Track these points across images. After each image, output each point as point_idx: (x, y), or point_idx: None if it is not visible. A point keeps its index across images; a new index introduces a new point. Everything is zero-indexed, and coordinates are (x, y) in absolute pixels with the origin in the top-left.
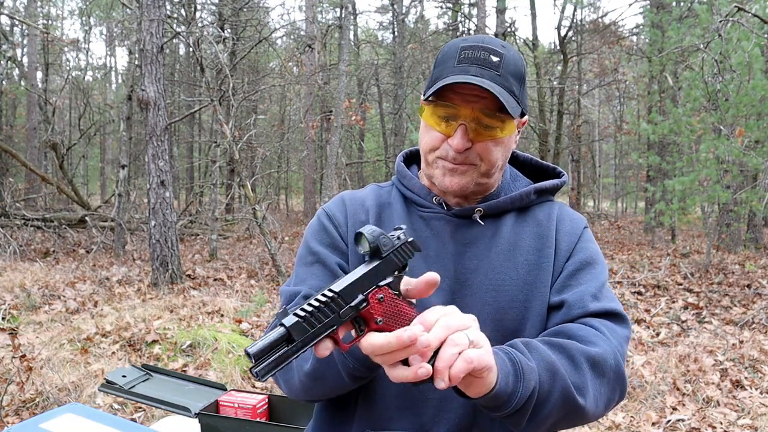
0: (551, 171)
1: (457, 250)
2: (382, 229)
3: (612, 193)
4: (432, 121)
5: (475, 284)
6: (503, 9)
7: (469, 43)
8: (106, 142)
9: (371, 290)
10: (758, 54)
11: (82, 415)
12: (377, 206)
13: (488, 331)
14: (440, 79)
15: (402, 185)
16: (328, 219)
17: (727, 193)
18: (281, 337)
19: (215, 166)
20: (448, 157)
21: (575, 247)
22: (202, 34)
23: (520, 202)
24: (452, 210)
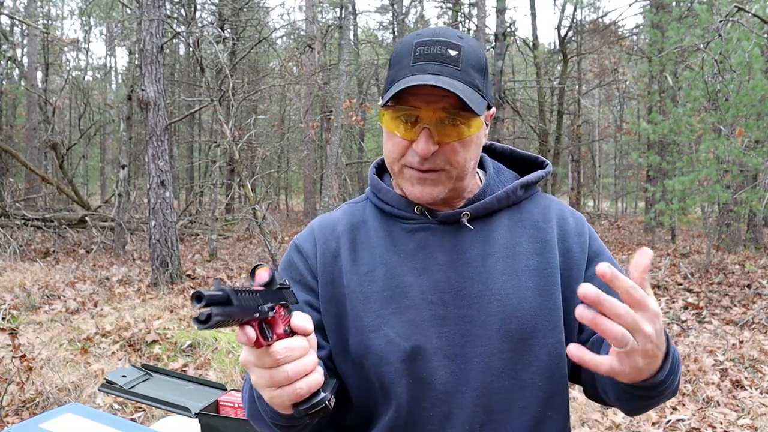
0: (533, 161)
1: (448, 259)
2: (358, 249)
3: (612, 193)
4: (393, 126)
5: (472, 293)
6: (503, 9)
7: (423, 38)
8: (106, 142)
9: (276, 303)
10: (758, 54)
11: (82, 415)
12: (350, 230)
13: (495, 340)
14: (396, 81)
15: (378, 199)
16: (297, 252)
17: (727, 193)
18: (223, 297)
19: (215, 166)
20: (414, 165)
21: (590, 249)
22: (202, 34)
23: (507, 200)
24: (437, 217)
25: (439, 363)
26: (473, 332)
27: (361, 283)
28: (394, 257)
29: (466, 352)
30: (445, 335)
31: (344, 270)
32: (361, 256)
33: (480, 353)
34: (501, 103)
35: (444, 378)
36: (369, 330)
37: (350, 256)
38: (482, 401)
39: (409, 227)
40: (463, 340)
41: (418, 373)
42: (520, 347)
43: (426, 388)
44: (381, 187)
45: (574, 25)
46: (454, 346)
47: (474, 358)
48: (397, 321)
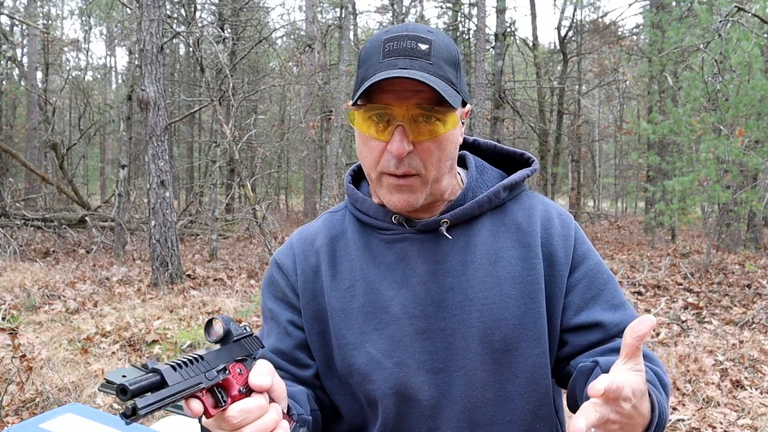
0: (519, 157)
1: (427, 269)
2: (338, 262)
3: (612, 193)
4: (365, 127)
5: (453, 304)
6: (503, 9)
7: (392, 34)
8: (106, 142)
9: (230, 362)
10: (758, 54)
11: (82, 415)
12: (329, 243)
13: (477, 352)
14: (366, 79)
15: (355, 209)
16: (278, 269)
17: (727, 193)
18: (156, 380)
19: (215, 166)
20: (391, 170)
21: (574, 253)
22: (202, 34)
23: (489, 204)
24: (415, 226)
25: (423, 378)
26: (455, 345)
27: (342, 300)
28: (373, 271)
29: (449, 366)
30: (427, 349)
31: (325, 286)
32: (341, 271)
33: (462, 366)
34: (501, 103)
35: (428, 393)
36: (351, 348)
37: (330, 271)
38: (467, 415)
39: (387, 238)
40: (446, 354)
41: (402, 390)
42: (504, 359)
43: (411, 405)
44: (358, 196)
45: (574, 25)
46: (437, 360)
47: (456, 372)
48: (378, 338)
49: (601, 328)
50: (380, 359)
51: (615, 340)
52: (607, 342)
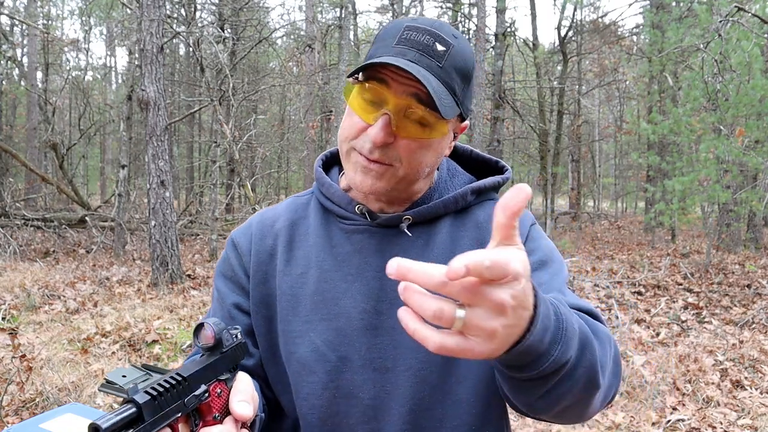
0: (493, 165)
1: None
2: (295, 247)
3: (612, 193)
4: (355, 104)
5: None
6: (503, 9)
7: (416, 24)
8: (106, 142)
9: (212, 383)
10: (758, 54)
11: (82, 415)
12: (289, 226)
13: (428, 353)
14: (374, 57)
15: (321, 194)
16: (233, 248)
17: (727, 193)
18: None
19: (215, 166)
20: (363, 150)
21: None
22: (202, 34)
23: (455, 205)
24: (376, 220)
25: (367, 376)
26: (405, 344)
27: (293, 286)
28: (329, 260)
29: (397, 365)
30: (375, 346)
31: (277, 270)
32: (296, 256)
33: (411, 366)
34: (501, 103)
35: (371, 392)
36: (295, 335)
37: (285, 255)
38: (412, 417)
39: (347, 227)
40: (395, 352)
41: (343, 386)
42: (454, 360)
43: (352, 403)
44: (325, 181)
45: (574, 25)
46: (385, 358)
47: (404, 372)
48: (325, 328)
49: None
50: (324, 351)
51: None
52: None
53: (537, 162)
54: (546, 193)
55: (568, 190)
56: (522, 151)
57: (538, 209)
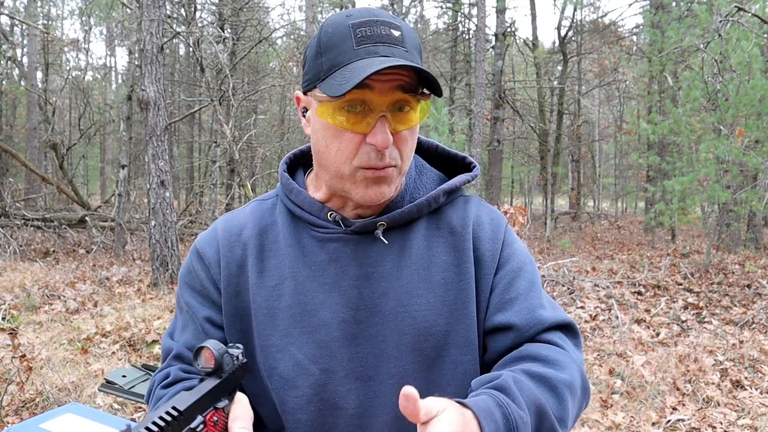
0: (461, 161)
1: (361, 273)
2: (266, 257)
3: (612, 193)
4: (338, 120)
5: (386, 310)
6: (503, 9)
7: (359, 19)
8: (106, 142)
9: (209, 412)
10: (758, 54)
11: (82, 415)
12: (258, 235)
13: (409, 360)
14: (341, 66)
15: (289, 200)
16: (199, 259)
17: (726, 193)
18: None
19: (215, 166)
20: (371, 163)
21: (501, 255)
22: (202, 34)
23: (428, 208)
24: (350, 226)
25: (351, 386)
26: (386, 352)
27: (268, 298)
28: (303, 270)
29: (380, 374)
30: (356, 356)
31: (250, 283)
32: (268, 267)
33: (394, 374)
34: (501, 103)
35: (356, 402)
36: (275, 350)
37: (257, 266)
38: (397, 424)
39: (320, 236)
40: (377, 361)
41: (328, 398)
42: (435, 366)
43: (337, 414)
44: (292, 187)
45: (574, 25)
46: (367, 367)
47: (387, 380)
48: (306, 341)
49: (512, 330)
50: (306, 364)
51: (523, 347)
52: (519, 346)
53: (537, 162)
54: (546, 193)
55: (568, 190)
56: (522, 151)
57: (538, 209)
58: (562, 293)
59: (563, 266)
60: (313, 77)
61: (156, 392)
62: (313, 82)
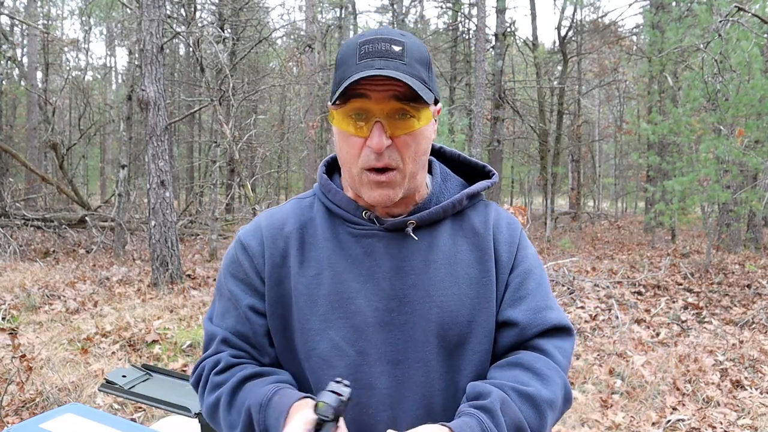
0: (480, 169)
1: (393, 266)
2: (306, 250)
3: (612, 193)
4: (345, 125)
5: (415, 301)
6: (503, 9)
7: (366, 38)
8: (106, 142)
9: None
10: (758, 54)
11: (82, 415)
12: (299, 228)
13: (434, 346)
14: (345, 80)
15: (326, 199)
16: (243, 251)
17: (726, 193)
18: None
19: (215, 166)
20: (371, 164)
21: (516, 257)
22: (202, 34)
23: (453, 209)
24: (384, 224)
25: (382, 368)
26: (415, 338)
27: (309, 286)
28: (341, 262)
29: (408, 358)
30: (388, 341)
31: (292, 272)
32: (309, 258)
33: (421, 358)
34: (501, 103)
35: (387, 383)
36: (314, 333)
37: (298, 257)
38: (425, 403)
39: (356, 232)
40: (405, 346)
41: (362, 378)
42: (457, 352)
43: (370, 394)
44: (331, 187)
45: (574, 25)
46: (397, 351)
47: (415, 363)
48: (342, 326)
49: (517, 328)
50: (343, 346)
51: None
52: (521, 344)
53: (537, 162)
54: (546, 193)
55: (568, 190)
56: (522, 151)
57: (539, 209)
58: (562, 293)
59: (563, 266)
60: (332, 91)
61: (211, 378)
62: (332, 95)
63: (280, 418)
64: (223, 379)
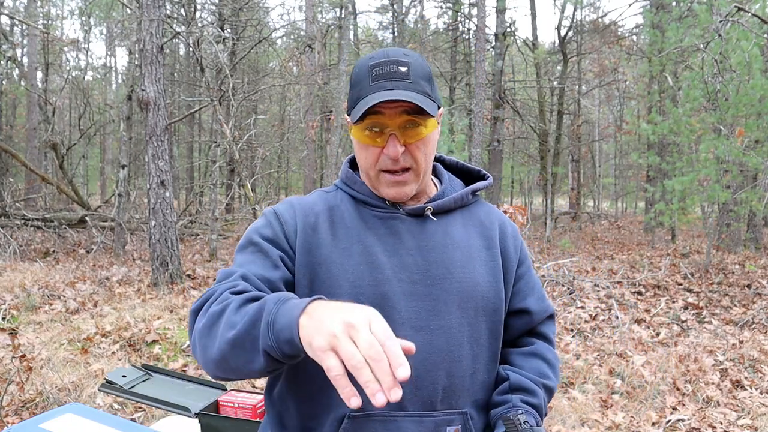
0: (476, 174)
1: (415, 244)
2: (336, 226)
3: (612, 193)
4: (364, 138)
5: (437, 275)
6: (503, 9)
7: (376, 61)
8: (106, 142)
9: None
10: (758, 54)
11: (82, 415)
12: (328, 209)
13: (455, 315)
14: (360, 99)
15: (352, 189)
16: (276, 218)
17: (726, 193)
18: None
19: (215, 166)
20: (388, 167)
21: (521, 252)
22: (202, 34)
23: (461, 201)
24: (405, 209)
25: (406, 333)
26: (437, 308)
27: (340, 256)
28: (369, 237)
29: (430, 325)
30: (413, 309)
31: (323, 242)
32: (339, 233)
33: (442, 325)
34: (501, 103)
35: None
36: (346, 297)
37: (330, 231)
38: (446, 365)
39: (381, 214)
40: (428, 315)
41: None
42: (475, 322)
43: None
44: (356, 179)
45: (574, 25)
46: (420, 319)
47: (437, 330)
48: (371, 293)
49: (529, 315)
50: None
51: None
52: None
53: (537, 162)
54: (546, 193)
55: (568, 190)
56: (522, 151)
57: (538, 209)
58: (562, 293)
59: (563, 266)
60: (348, 106)
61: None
62: (349, 110)
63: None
64: (239, 291)
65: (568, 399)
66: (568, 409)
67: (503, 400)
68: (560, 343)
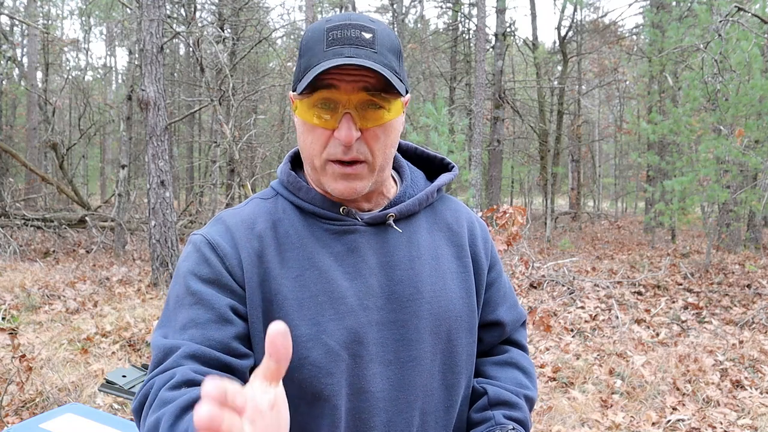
0: (438, 162)
1: (379, 261)
2: (284, 249)
3: (612, 193)
4: (310, 116)
5: (404, 297)
6: (503, 9)
7: (335, 23)
8: (106, 142)
9: None
10: (757, 54)
11: (82, 415)
12: (271, 227)
13: (427, 343)
14: (311, 68)
15: (296, 197)
16: (212, 250)
17: (726, 193)
18: None
19: (215, 166)
20: (337, 157)
21: (492, 254)
22: (202, 34)
23: (426, 202)
24: (363, 219)
25: (376, 370)
26: (407, 336)
27: (293, 289)
28: (325, 260)
29: (400, 357)
30: (380, 341)
31: (273, 273)
32: (288, 258)
33: (414, 357)
34: (501, 103)
35: (381, 385)
36: (306, 340)
37: (277, 257)
38: (420, 404)
39: (335, 228)
40: (396, 345)
41: (356, 382)
42: (447, 349)
43: (365, 398)
44: (301, 185)
45: (574, 25)
46: (387, 351)
47: (408, 363)
48: (335, 328)
49: (502, 327)
50: (338, 351)
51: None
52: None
53: (537, 162)
54: (546, 193)
55: (568, 190)
56: (522, 151)
57: (538, 209)
58: (562, 293)
59: (563, 266)
60: (294, 78)
61: (161, 394)
62: (294, 83)
63: None
64: (174, 395)
65: (568, 399)
66: (568, 409)
67: (483, 418)
68: (560, 343)
